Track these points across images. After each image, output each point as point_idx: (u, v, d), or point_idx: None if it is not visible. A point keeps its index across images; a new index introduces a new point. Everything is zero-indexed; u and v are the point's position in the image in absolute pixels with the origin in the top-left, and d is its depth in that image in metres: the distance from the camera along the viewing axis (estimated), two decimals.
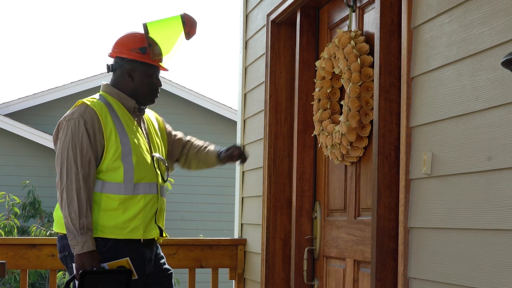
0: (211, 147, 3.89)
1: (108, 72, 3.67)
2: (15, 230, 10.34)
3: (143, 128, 3.63)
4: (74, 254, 3.35)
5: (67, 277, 3.58)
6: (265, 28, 4.74)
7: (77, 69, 47.19)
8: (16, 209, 10.79)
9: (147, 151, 3.57)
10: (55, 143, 3.52)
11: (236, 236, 5.26)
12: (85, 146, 3.40)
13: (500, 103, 2.48)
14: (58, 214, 3.52)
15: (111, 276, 3.37)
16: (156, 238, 3.61)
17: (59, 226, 3.53)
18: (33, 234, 10.24)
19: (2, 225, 10.27)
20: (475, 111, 2.62)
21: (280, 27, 4.62)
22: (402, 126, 3.04)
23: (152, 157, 3.58)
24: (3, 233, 10.01)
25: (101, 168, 3.44)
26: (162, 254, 3.70)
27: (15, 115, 13.18)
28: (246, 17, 5.24)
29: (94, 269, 3.33)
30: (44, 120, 13.32)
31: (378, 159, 3.15)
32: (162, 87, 3.71)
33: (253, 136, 4.98)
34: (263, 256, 4.56)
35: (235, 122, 12.35)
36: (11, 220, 10.40)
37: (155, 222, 3.55)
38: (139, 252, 3.50)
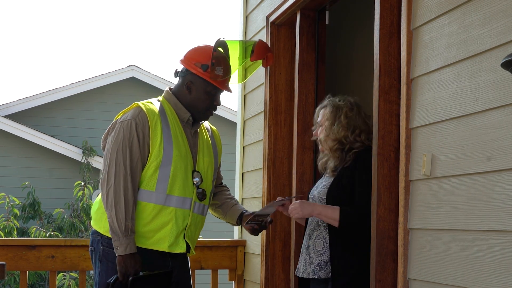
0: (238, 206, 3.76)
1: (174, 77, 3.62)
2: (15, 231, 10.34)
3: (192, 142, 3.56)
4: (117, 255, 3.34)
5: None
6: (264, 30, 4.74)
7: (77, 71, 47.19)
8: (16, 210, 10.79)
9: (190, 165, 3.51)
10: (104, 142, 3.49)
11: (235, 237, 5.26)
12: (134, 148, 3.39)
13: (499, 104, 2.48)
14: (94, 209, 3.54)
15: (154, 279, 3.38)
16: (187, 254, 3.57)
17: (93, 222, 3.55)
18: (32, 235, 10.24)
19: (1, 226, 10.27)
20: (475, 112, 2.62)
21: (279, 28, 4.62)
22: (402, 128, 3.04)
23: (193, 172, 3.52)
24: (2, 234, 10.02)
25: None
26: (189, 269, 3.64)
27: (15, 117, 13.17)
28: (246, 19, 5.24)
29: (141, 273, 3.33)
30: (44, 121, 13.32)
31: (378, 160, 3.15)
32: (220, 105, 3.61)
33: (253, 138, 4.98)
34: (263, 257, 4.55)
35: (235, 124, 12.35)
36: (11, 221, 10.40)
37: (184, 237, 3.50)
38: (162, 261, 3.47)
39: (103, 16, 52.61)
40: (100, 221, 3.48)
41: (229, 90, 3.59)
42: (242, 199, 5.19)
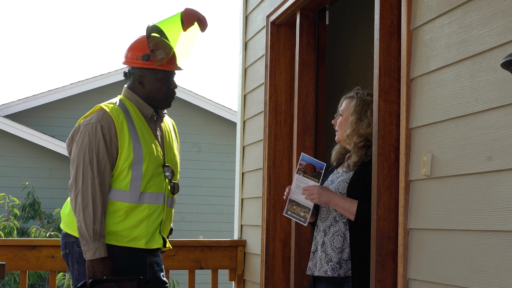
0: None
1: (125, 79, 3.62)
2: (15, 231, 10.33)
3: (159, 137, 3.58)
4: (86, 260, 3.34)
5: (67, 277, 3.59)
6: (264, 30, 4.74)
7: (77, 71, 47.20)
8: (16, 211, 10.78)
9: (159, 160, 3.52)
10: (69, 146, 3.48)
11: (235, 237, 5.26)
12: (101, 151, 3.38)
13: (499, 104, 2.48)
14: (65, 212, 3.53)
15: (121, 284, 3.35)
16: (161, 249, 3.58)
17: (64, 225, 3.53)
18: (32, 235, 10.23)
19: (1, 226, 10.26)
20: (475, 112, 2.62)
21: (279, 28, 4.62)
22: (402, 128, 3.04)
23: (163, 167, 3.53)
24: (2, 234, 10.01)
25: (111, 174, 3.42)
26: (162, 266, 3.64)
27: (15, 117, 13.17)
28: (246, 19, 5.24)
29: (104, 277, 3.31)
30: (44, 121, 13.32)
31: (378, 160, 3.15)
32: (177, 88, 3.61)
33: (253, 138, 4.98)
34: (263, 257, 4.55)
35: (234, 124, 12.35)
36: (11, 222, 10.39)
37: (160, 233, 3.52)
38: (140, 257, 3.47)
39: (103, 16, 52.62)
40: (73, 223, 3.45)
41: (179, 68, 3.58)
42: (242, 199, 5.19)
